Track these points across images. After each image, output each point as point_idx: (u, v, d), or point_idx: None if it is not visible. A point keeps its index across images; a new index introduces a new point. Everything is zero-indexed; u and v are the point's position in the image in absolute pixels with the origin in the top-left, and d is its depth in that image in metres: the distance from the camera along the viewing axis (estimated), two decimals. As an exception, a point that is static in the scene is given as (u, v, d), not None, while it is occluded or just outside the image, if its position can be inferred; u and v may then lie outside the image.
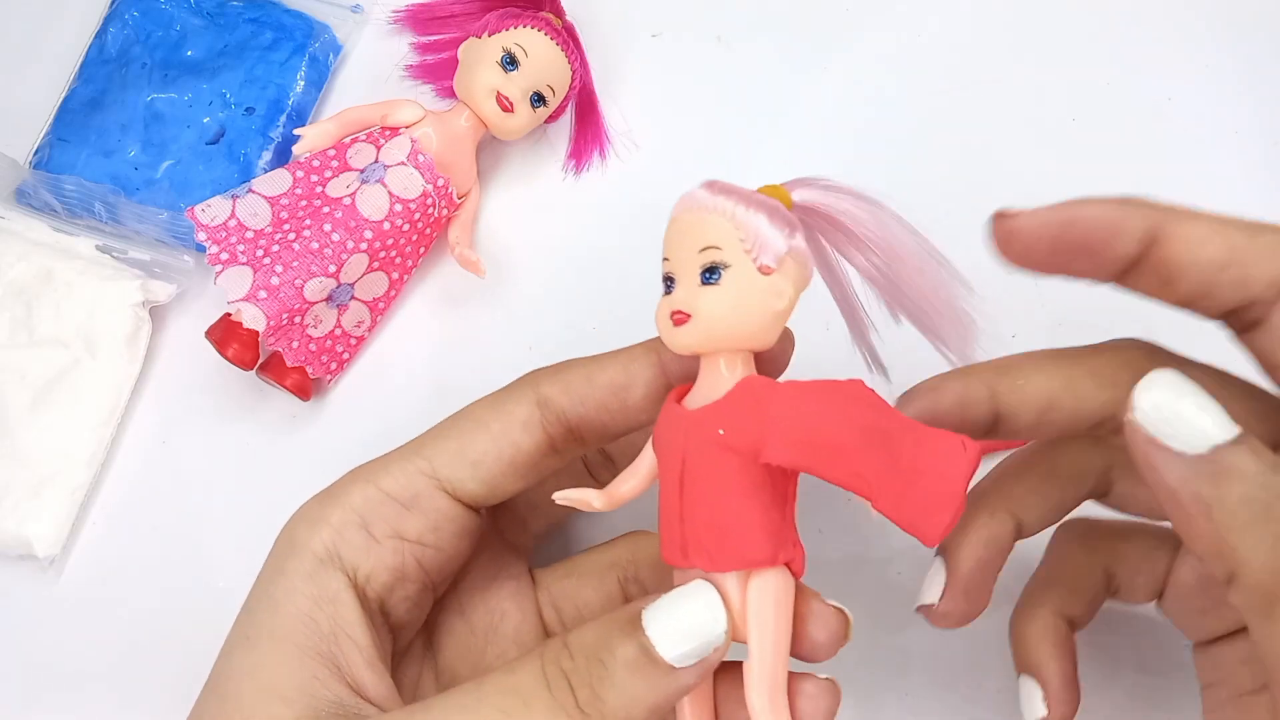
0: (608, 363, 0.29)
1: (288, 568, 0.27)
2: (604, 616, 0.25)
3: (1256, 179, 0.43)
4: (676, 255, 0.25)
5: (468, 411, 0.29)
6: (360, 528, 0.28)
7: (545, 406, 0.28)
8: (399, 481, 0.28)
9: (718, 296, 0.24)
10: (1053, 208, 0.26)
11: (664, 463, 0.26)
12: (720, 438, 0.24)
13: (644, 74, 0.45)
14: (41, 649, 0.37)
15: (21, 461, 0.38)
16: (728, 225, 0.24)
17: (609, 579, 0.33)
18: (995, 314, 0.41)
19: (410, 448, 0.29)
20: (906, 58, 0.45)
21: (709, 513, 0.24)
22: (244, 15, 0.43)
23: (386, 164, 0.38)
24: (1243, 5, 0.45)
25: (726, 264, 0.24)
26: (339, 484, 0.29)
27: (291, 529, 0.28)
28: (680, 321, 0.25)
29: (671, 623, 0.24)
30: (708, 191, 0.25)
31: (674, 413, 0.26)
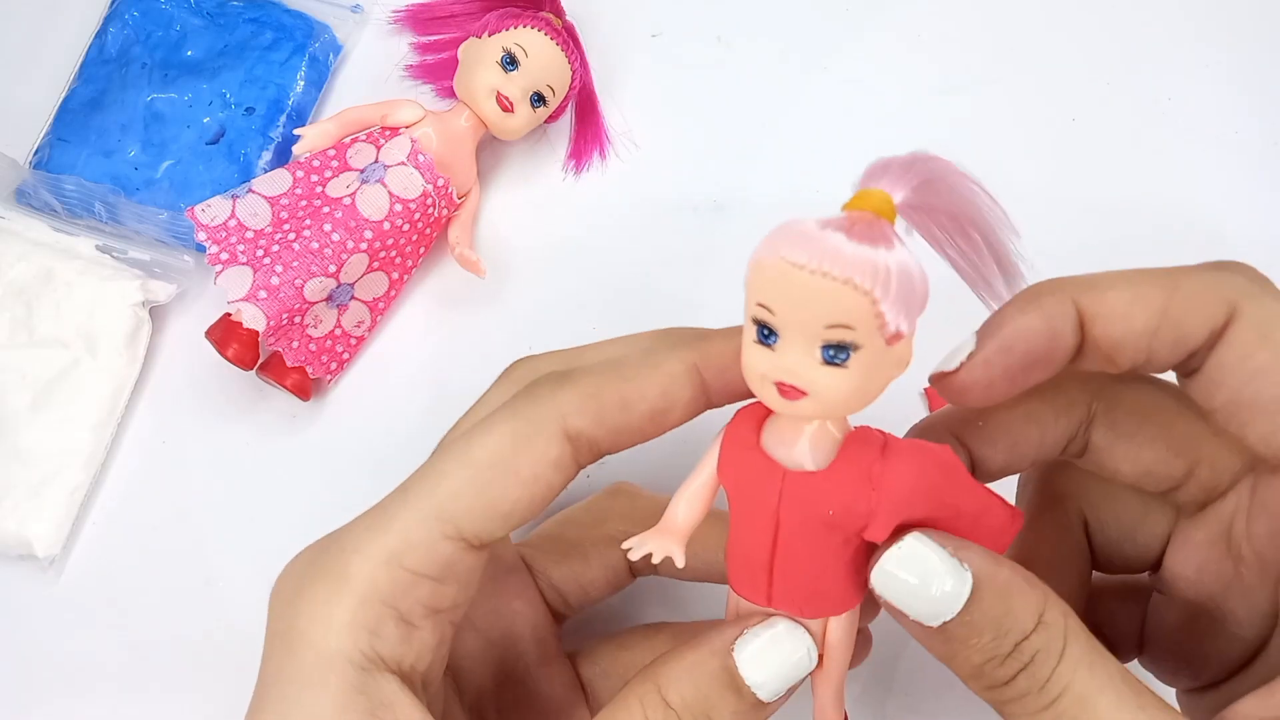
0: (644, 384, 0.25)
1: (328, 683, 0.23)
2: (690, 658, 0.24)
3: (1256, 179, 0.43)
4: (789, 315, 0.21)
5: (484, 447, 0.25)
6: (397, 620, 0.24)
7: (576, 440, 0.25)
8: (428, 555, 0.24)
9: (841, 380, 0.21)
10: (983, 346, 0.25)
11: (744, 507, 0.24)
12: (828, 518, 0.23)
13: (644, 74, 0.45)
14: (41, 649, 0.37)
15: (21, 461, 0.38)
16: (865, 302, 0.20)
17: (612, 555, 0.32)
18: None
19: (427, 504, 0.24)
20: (906, 58, 0.45)
21: (805, 578, 0.24)
22: (244, 15, 0.43)
23: (386, 164, 0.38)
24: (1242, 5, 0.46)
25: (857, 345, 0.21)
26: (348, 560, 0.24)
27: (307, 627, 0.24)
28: (791, 396, 0.22)
29: (771, 670, 0.24)
30: (845, 240, 0.21)
31: (761, 463, 0.23)
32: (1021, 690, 0.23)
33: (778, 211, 0.46)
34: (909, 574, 0.23)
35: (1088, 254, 0.42)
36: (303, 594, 0.24)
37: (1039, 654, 0.23)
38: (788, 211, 0.47)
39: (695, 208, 0.43)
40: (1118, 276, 0.25)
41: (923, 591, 0.23)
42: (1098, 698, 0.22)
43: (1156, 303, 0.24)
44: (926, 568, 0.23)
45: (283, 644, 0.24)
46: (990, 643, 0.23)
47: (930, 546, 0.23)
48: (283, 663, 0.24)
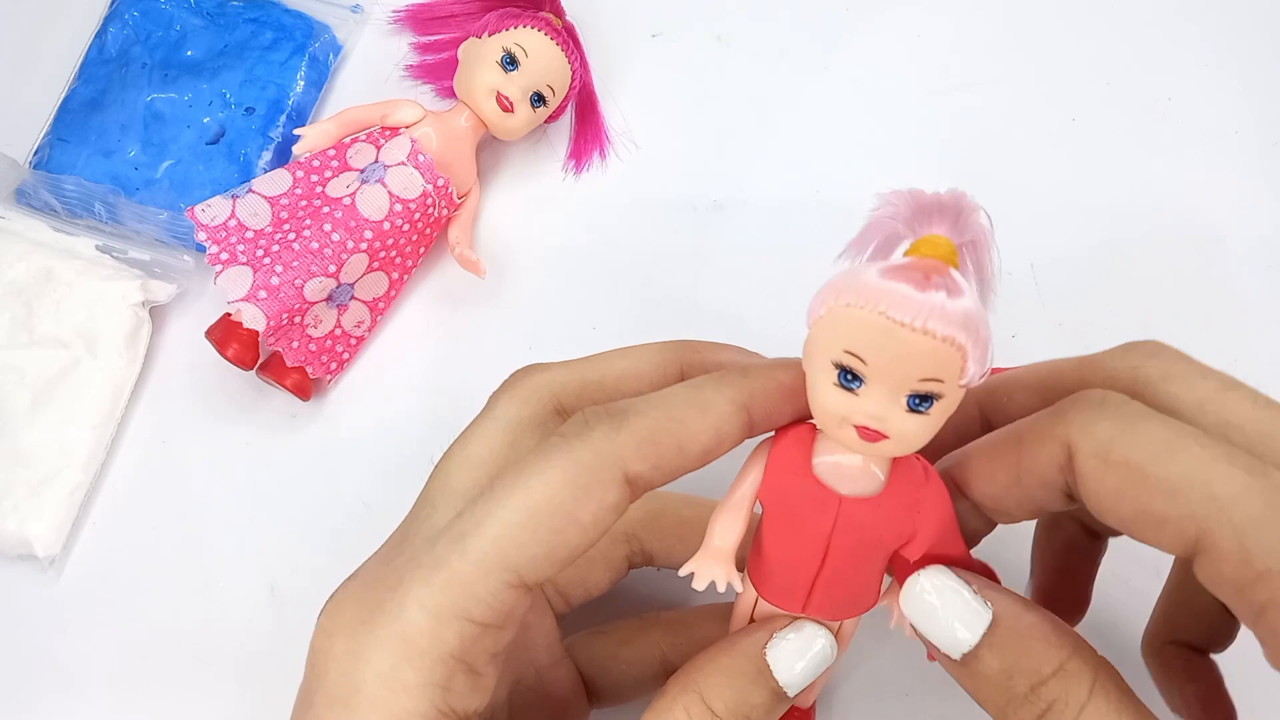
0: (698, 428, 0.25)
1: None
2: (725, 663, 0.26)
3: (1256, 179, 0.43)
4: (881, 365, 0.22)
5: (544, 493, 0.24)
6: (466, 672, 0.24)
7: (634, 483, 0.25)
8: (493, 607, 0.24)
9: (924, 426, 0.22)
10: None
11: (792, 527, 0.25)
12: (880, 540, 0.25)
13: (644, 74, 0.45)
14: (41, 649, 0.37)
15: (21, 461, 0.38)
16: (959, 357, 0.21)
17: (616, 556, 0.32)
18: (996, 315, 0.41)
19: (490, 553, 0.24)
20: (906, 58, 0.45)
21: (848, 588, 0.26)
22: (244, 15, 0.43)
23: (386, 164, 0.38)
24: (1243, 5, 0.46)
25: (941, 396, 0.22)
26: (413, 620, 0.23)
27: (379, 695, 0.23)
28: (872, 439, 0.23)
29: (803, 669, 0.26)
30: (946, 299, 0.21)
31: (815, 491, 0.24)
32: None
33: (778, 211, 0.46)
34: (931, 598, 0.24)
35: (1088, 254, 0.42)
36: (363, 655, 0.23)
37: (1056, 702, 0.23)
38: (788, 211, 0.47)
39: (695, 208, 0.43)
40: (980, 444, 0.27)
41: (944, 619, 0.24)
42: None
43: (1011, 458, 0.26)
44: (948, 598, 0.24)
45: (344, 709, 0.23)
46: (1007, 682, 0.23)
47: (953, 579, 0.25)
48: None
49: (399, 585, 0.24)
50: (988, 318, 0.22)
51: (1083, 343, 0.41)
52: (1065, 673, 0.23)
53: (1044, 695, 0.23)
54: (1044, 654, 0.23)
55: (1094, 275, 0.42)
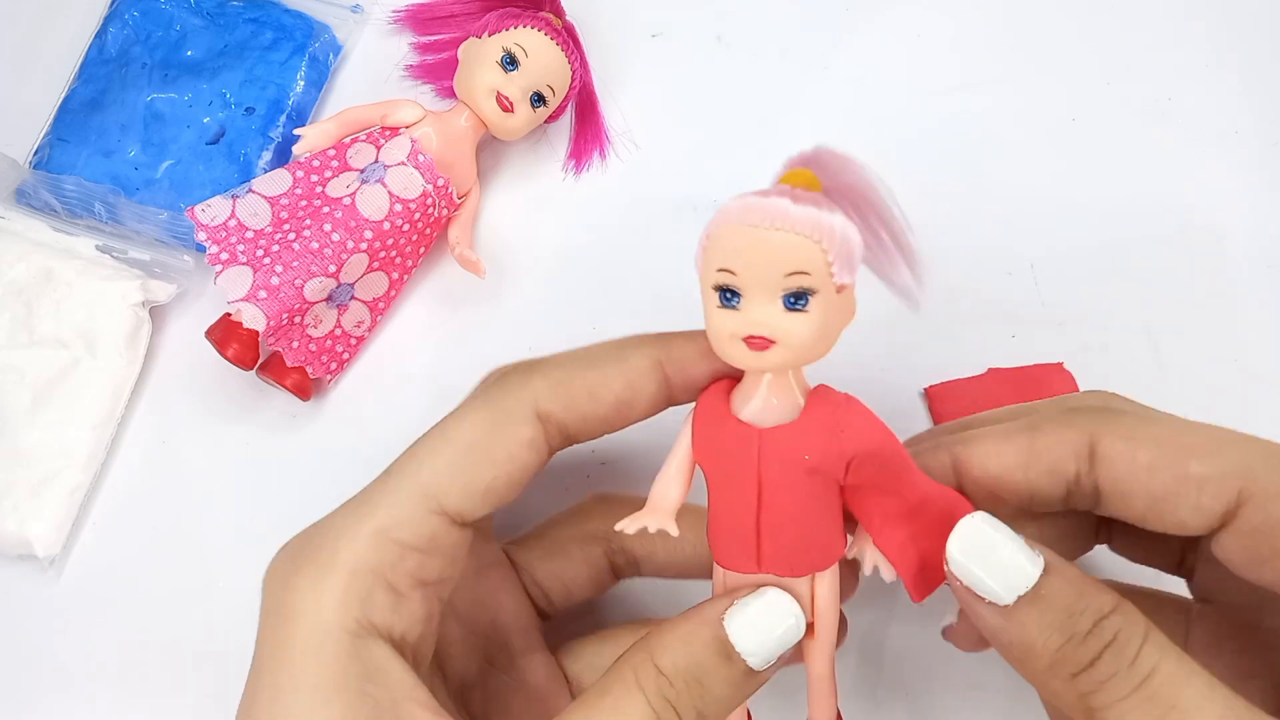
0: (610, 375, 0.27)
1: (323, 649, 0.25)
2: (683, 627, 0.25)
3: (1256, 179, 0.43)
4: (750, 273, 0.23)
5: (459, 430, 0.27)
6: (386, 589, 0.26)
7: (546, 421, 0.27)
8: (413, 529, 0.26)
9: (805, 323, 0.24)
10: None
11: (724, 476, 0.25)
12: (806, 463, 0.25)
13: (644, 74, 0.45)
14: (41, 649, 0.38)
15: (21, 461, 0.38)
16: (817, 250, 0.23)
17: (593, 552, 0.33)
18: (996, 315, 0.41)
19: (407, 480, 0.26)
20: (906, 58, 0.45)
21: (794, 530, 0.25)
22: (244, 15, 0.43)
23: (386, 164, 0.38)
24: (1243, 5, 0.46)
25: (814, 290, 0.23)
26: (336, 538, 0.26)
27: (300, 600, 0.25)
28: (761, 347, 0.24)
29: (761, 637, 0.25)
30: (791, 203, 0.23)
31: (736, 429, 0.25)
32: (1107, 671, 0.23)
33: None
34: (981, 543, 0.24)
35: (1088, 254, 0.42)
36: (294, 575, 0.26)
37: (1121, 631, 0.23)
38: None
39: (695, 208, 0.43)
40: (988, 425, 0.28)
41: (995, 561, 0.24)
42: (1192, 681, 0.22)
43: (1024, 440, 0.27)
44: (995, 540, 0.24)
45: (277, 621, 0.25)
46: (1068, 620, 0.23)
47: (996, 524, 0.24)
48: (278, 639, 0.25)
49: (330, 520, 0.26)
50: (857, 234, 0.24)
51: (1083, 343, 0.41)
52: (1123, 610, 0.23)
53: (1108, 628, 0.23)
54: (1101, 593, 0.24)
55: (1094, 275, 0.42)
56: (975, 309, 0.41)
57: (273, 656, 0.25)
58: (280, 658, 0.25)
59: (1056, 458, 0.26)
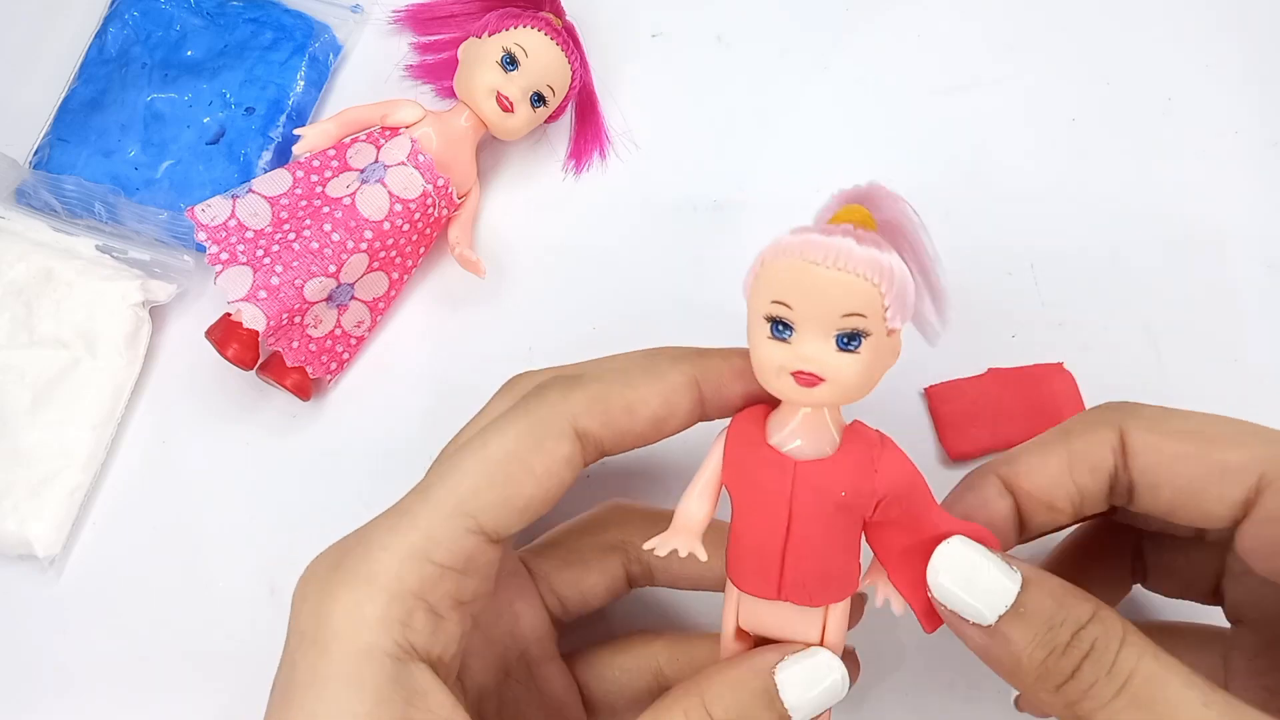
0: (649, 392, 0.27)
1: (364, 678, 0.24)
2: (733, 675, 0.26)
3: (1256, 179, 0.43)
4: (806, 308, 0.24)
5: (500, 446, 0.26)
6: (427, 611, 0.25)
7: (584, 438, 0.27)
8: (452, 549, 0.26)
9: (856, 364, 0.24)
10: None
11: (754, 503, 0.26)
12: (841, 499, 0.25)
13: (644, 74, 0.45)
14: (41, 649, 0.38)
15: (21, 461, 0.38)
16: (875, 293, 0.23)
17: (610, 562, 0.33)
18: (996, 315, 0.41)
19: (449, 499, 0.26)
20: (906, 58, 0.45)
21: (818, 562, 0.25)
22: (244, 15, 0.43)
23: (386, 164, 0.38)
24: (1243, 5, 0.45)
25: (868, 332, 0.24)
26: (380, 559, 0.25)
27: (341, 625, 0.25)
28: (809, 384, 0.24)
29: (808, 694, 0.26)
30: (855, 244, 0.23)
31: (771, 458, 0.25)
32: (1089, 679, 0.23)
33: (777, 211, 0.46)
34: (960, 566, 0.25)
35: (1088, 254, 0.42)
36: (331, 595, 0.25)
37: (1099, 640, 0.24)
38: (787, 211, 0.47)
39: (695, 208, 0.43)
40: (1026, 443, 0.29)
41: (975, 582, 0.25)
42: (1168, 678, 0.23)
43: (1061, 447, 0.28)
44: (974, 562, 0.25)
45: (313, 645, 0.25)
46: (1048, 634, 0.24)
47: (974, 546, 0.25)
48: (315, 663, 0.24)
49: (366, 536, 0.26)
50: (904, 269, 0.24)
51: (1083, 343, 0.41)
52: (1100, 616, 0.24)
53: (1085, 638, 0.24)
54: (1079, 603, 0.24)
55: (1094, 275, 0.42)
56: (975, 309, 0.41)
57: (310, 678, 0.24)
58: (319, 681, 0.24)
59: (1095, 456, 0.27)
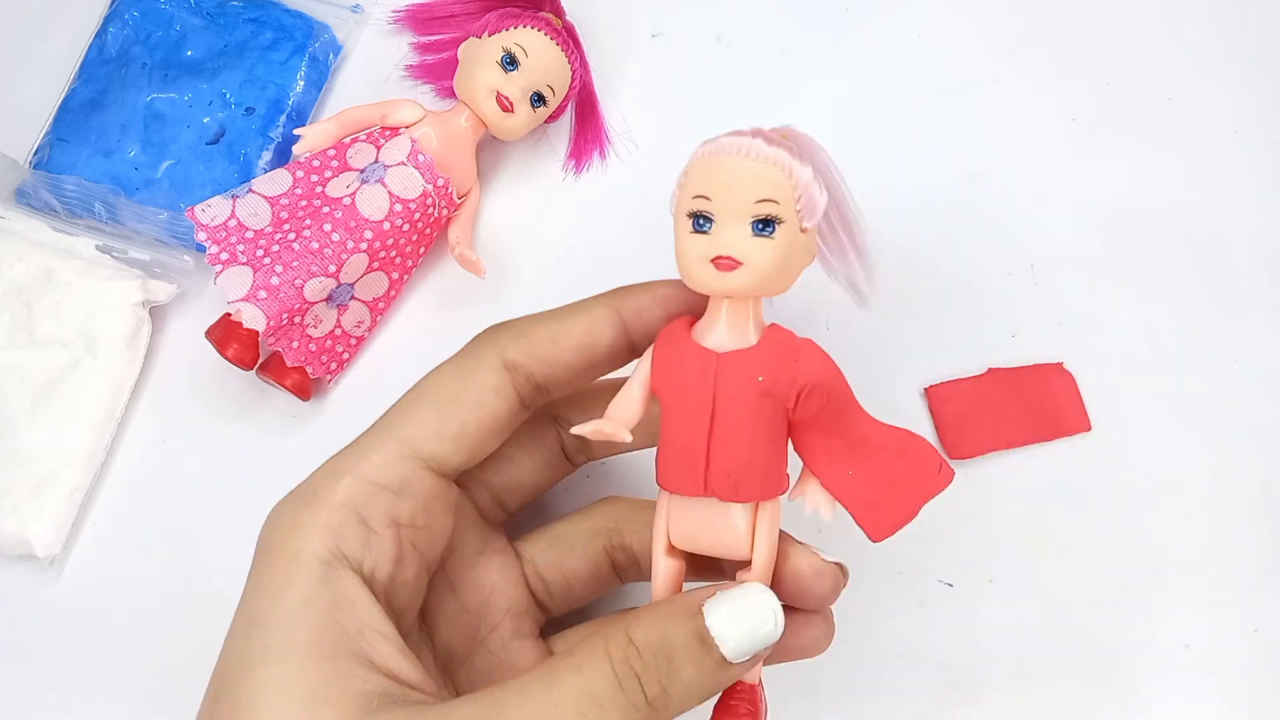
0: (570, 323, 0.29)
1: (295, 578, 0.26)
2: (662, 610, 0.26)
3: (1256, 179, 0.43)
4: (723, 199, 0.26)
5: (434, 382, 0.29)
6: (357, 522, 0.27)
7: (513, 370, 0.29)
8: (386, 469, 0.28)
9: (771, 249, 0.26)
10: None
11: (680, 397, 0.27)
12: (760, 384, 0.26)
13: (644, 74, 0.45)
14: (41, 649, 0.38)
15: (21, 461, 0.38)
16: (785, 182, 0.25)
17: (594, 546, 0.33)
18: (996, 315, 0.41)
19: (385, 430, 0.29)
20: (906, 58, 0.45)
21: (743, 453, 0.26)
22: (244, 15, 0.43)
23: (386, 164, 0.38)
24: (1243, 5, 0.45)
25: (780, 219, 0.26)
26: (319, 481, 0.28)
27: (281, 535, 0.27)
28: (728, 267, 0.26)
29: (740, 628, 0.25)
30: (763, 142, 0.26)
31: (696, 351, 0.27)
32: None
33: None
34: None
35: (1088, 254, 0.42)
36: (282, 515, 0.28)
37: None
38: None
39: (695, 208, 0.43)
40: None
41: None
42: None
43: None
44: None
45: (262, 553, 0.27)
46: None
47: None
48: (260, 569, 0.27)
49: (318, 470, 0.29)
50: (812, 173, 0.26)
51: (1083, 343, 0.41)
52: None
53: None
54: None
55: (1094, 275, 0.42)
56: (975, 309, 0.41)
57: (254, 587, 0.27)
58: (259, 587, 0.27)
59: None
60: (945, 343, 0.41)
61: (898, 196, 0.43)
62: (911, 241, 0.42)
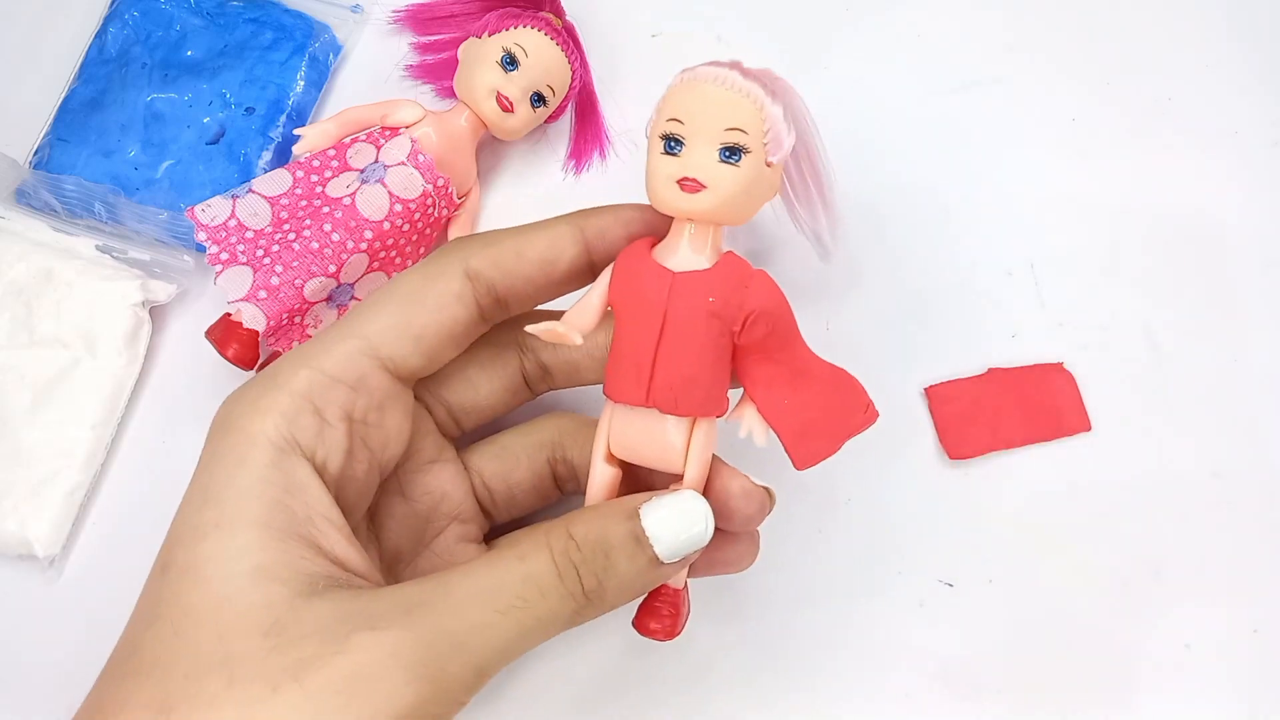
0: (534, 237, 0.30)
1: (249, 457, 0.27)
2: (602, 508, 0.28)
3: (1256, 179, 0.43)
4: (695, 124, 0.27)
5: (397, 285, 0.30)
6: (313, 413, 0.28)
7: (475, 279, 0.30)
8: (343, 364, 0.29)
9: (735, 176, 0.27)
10: None
11: (634, 311, 0.28)
12: (710, 304, 0.27)
13: (644, 74, 0.45)
14: (41, 649, 0.37)
15: (21, 461, 0.38)
16: (756, 114, 0.27)
17: (538, 459, 0.34)
18: (996, 315, 0.41)
19: (346, 327, 0.29)
20: (906, 57, 0.45)
21: (687, 367, 0.27)
22: (244, 15, 0.43)
23: (386, 164, 0.38)
24: (1243, 5, 0.46)
25: (748, 149, 0.27)
26: (278, 369, 0.29)
27: (238, 417, 0.28)
28: (692, 189, 0.27)
29: (672, 529, 0.27)
30: (739, 74, 0.27)
31: (653, 268, 0.28)
32: None
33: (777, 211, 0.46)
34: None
35: (1088, 254, 0.42)
36: (237, 399, 0.29)
37: None
38: (788, 211, 0.46)
39: (695, 208, 0.43)
40: None
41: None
42: None
43: None
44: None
45: (217, 432, 0.28)
46: None
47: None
48: (215, 446, 0.28)
49: (276, 362, 0.29)
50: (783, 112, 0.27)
51: (1083, 343, 0.41)
52: None
53: None
54: None
55: (1094, 275, 0.42)
56: (975, 309, 0.41)
57: (208, 463, 0.27)
58: (214, 464, 0.27)
59: None
60: (945, 343, 0.41)
61: (898, 196, 0.43)
62: (912, 241, 0.42)
